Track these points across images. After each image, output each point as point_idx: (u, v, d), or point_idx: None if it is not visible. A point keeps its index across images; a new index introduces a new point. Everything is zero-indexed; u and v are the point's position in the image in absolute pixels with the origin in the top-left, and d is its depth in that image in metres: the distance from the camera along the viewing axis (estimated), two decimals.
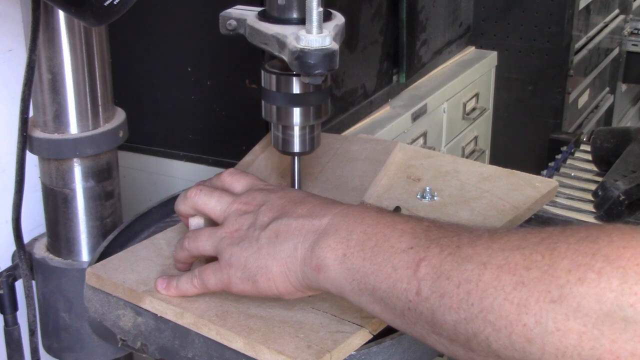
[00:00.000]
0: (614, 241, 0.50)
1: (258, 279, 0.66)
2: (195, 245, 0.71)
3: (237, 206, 0.70)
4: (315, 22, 0.70)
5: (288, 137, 0.81)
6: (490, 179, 0.94)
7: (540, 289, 0.50)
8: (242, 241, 0.67)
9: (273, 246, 0.65)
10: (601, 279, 0.48)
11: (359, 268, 0.60)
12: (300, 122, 0.80)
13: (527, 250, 0.53)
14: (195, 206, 0.73)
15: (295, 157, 0.84)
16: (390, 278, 0.58)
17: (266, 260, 0.65)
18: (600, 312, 0.48)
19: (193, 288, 0.71)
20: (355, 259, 0.61)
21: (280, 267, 0.65)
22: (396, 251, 0.59)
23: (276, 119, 0.80)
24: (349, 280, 0.61)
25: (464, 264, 0.55)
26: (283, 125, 0.81)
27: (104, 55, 0.91)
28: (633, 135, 1.41)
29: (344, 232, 0.62)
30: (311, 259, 0.63)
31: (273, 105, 0.80)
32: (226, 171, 0.76)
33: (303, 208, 0.66)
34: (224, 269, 0.68)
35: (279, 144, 0.82)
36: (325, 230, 0.63)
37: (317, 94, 0.79)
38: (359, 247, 0.61)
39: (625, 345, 0.47)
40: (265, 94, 0.81)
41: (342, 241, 0.62)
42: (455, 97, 1.87)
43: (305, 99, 0.79)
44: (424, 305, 0.56)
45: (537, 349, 0.50)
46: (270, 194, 0.70)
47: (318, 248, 0.63)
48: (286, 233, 0.65)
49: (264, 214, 0.68)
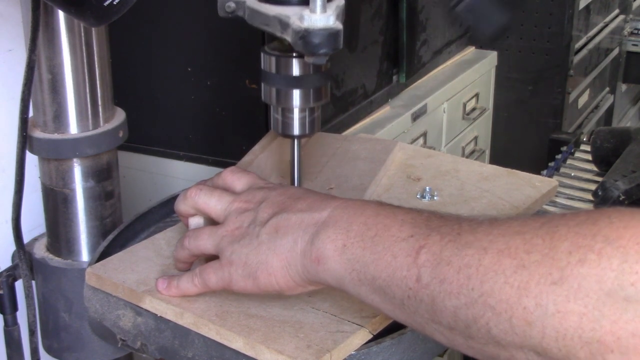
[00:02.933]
0: (613, 222, 0.50)
1: (259, 274, 0.66)
2: (196, 244, 0.71)
3: (237, 205, 0.70)
4: (319, 1, 0.69)
5: (288, 120, 0.80)
6: (490, 178, 0.94)
7: (541, 271, 0.50)
8: (242, 238, 0.67)
9: (273, 241, 0.65)
10: (601, 260, 0.48)
11: (358, 258, 0.60)
12: (300, 105, 0.79)
13: (527, 234, 0.53)
14: (196, 206, 0.73)
15: (295, 141, 0.83)
16: (390, 266, 0.58)
17: (266, 256, 0.65)
18: (600, 293, 0.48)
19: (194, 287, 0.71)
20: (355, 248, 0.61)
21: (281, 261, 0.65)
22: (396, 240, 0.59)
23: (276, 101, 0.80)
24: (349, 270, 0.61)
25: (465, 249, 0.55)
26: (283, 107, 0.80)
27: (104, 55, 0.91)
28: (633, 135, 1.41)
29: (344, 223, 0.62)
30: (311, 251, 0.63)
31: (273, 88, 0.79)
32: (227, 170, 0.76)
33: (302, 203, 0.67)
34: (224, 267, 0.68)
35: (278, 127, 0.81)
36: (325, 222, 0.63)
37: (317, 76, 0.79)
38: (359, 237, 0.61)
39: (626, 326, 0.47)
40: (264, 77, 0.80)
41: (342, 232, 0.62)
42: (455, 97, 1.87)
43: (305, 81, 0.78)
44: (424, 292, 0.56)
45: (538, 332, 0.50)
46: (270, 191, 0.70)
47: (318, 240, 0.63)
48: (286, 227, 0.65)
49: (264, 210, 0.68)
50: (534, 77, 2.13)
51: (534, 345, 0.51)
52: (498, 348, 0.53)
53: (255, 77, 1.28)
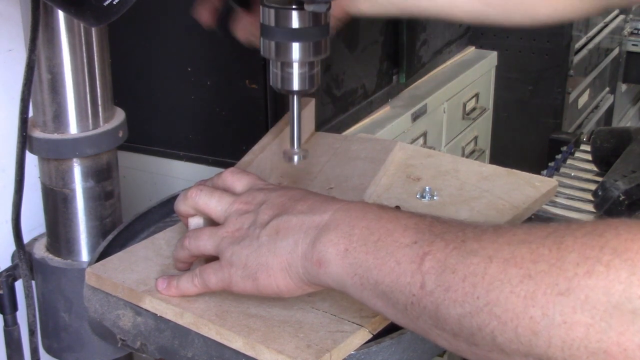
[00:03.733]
0: (621, 234, 0.50)
1: (259, 276, 0.66)
2: (196, 245, 0.71)
3: (237, 206, 0.70)
4: None
5: (287, 75, 0.80)
6: (489, 178, 0.94)
7: (548, 281, 0.50)
8: (242, 240, 0.67)
9: (274, 243, 0.65)
10: (609, 271, 0.48)
11: (361, 262, 0.60)
12: (299, 58, 0.79)
13: (533, 244, 0.52)
14: (196, 206, 0.73)
15: (294, 97, 0.82)
16: (393, 272, 0.58)
17: (267, 257, 0.65)
18: (608, 305, 0.48)
19: (194, 287, 0.71)
20: (357, 253, 0.61)
21: (281, 263, 0.65)
22: (400, 245, 0.59)
23: (275, 55, 0.79)
24: (351, 275, 0.61)
25: (470, 257, 0.54)
26: (282, 62, 0.79)
27: (104, 55, 0.91)
28: (633, 135, 1.41)
29: (345, 227, 0.62)
30: (312, 254, 0.63)
31: (272, 41, 0.78)
32: (227, 170, 0.76)
33: (303, 204, 0.67)
34: (224, 268, 0.68)
35: (277, 82, 0.80)
36: (327, 225, 0.63)
37: (317, 28, 0.78)
38: (362, 241, 0.61)
39: (633, 338, 0.47)
40: (264, 30, 0.79)
41: (344, 236, 0.62)
42: (455, 97, 1.87)
43: (305, 34, 0.78)
44: (428, 299, 0.56)
45: (544, 342, 0.50)
46: (270, 192, 0.70)
47: (319, 243, 0.63)
48: (286, 229, 0.65)
49: (264, 212, 0.68)
50: (534, 77, 2.13)
51: (539, 354, 0.51)
52: (502, 355, 0.53)
53: (255, 77, 1.28)
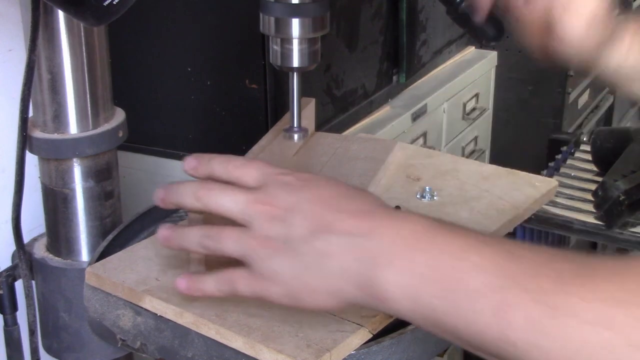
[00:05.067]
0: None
1: (303, 297, 0.62)
2: (219, 247, 0.65)
3: (260, 207, 0.63)
4: None
5: (287, 52, 0.79)
6: (489, 178, 0.94)
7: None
8: (279, 255, 0.62)
9: (319, 267, 0.60)
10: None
11: (434, 307, 0.56)
12: (299, 34, 0.78)
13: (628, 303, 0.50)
14: (208, 208, 0.66)
15: (294, 74, 0.81)
16: (472, 324, 0.55)
17: (313, 279, 0.61)
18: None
19: (219, 293, 0.66)
20: (427, 297, 0.57)
21: (330, 287, 0.61)
22: (475, 295, 0.55)
23: (274, 31, 0.78)
24: (419, 316, 0.58)
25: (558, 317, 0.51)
26: (282, 38, 0.79)
27: (104, 55, 0.91)
28: (633, 135, 1.41)
29: (405, 261, 0.58)
30: (371, 289, 0.59)
31: (271, 17, 0.78)
32: (230, 162, 0.67)
33: (344, 219, 0.61)
34: (259, 281, 0.63)
35: (277, 58, 0.80)
36: (381, 258, 0.59)
37: (316, 4, 0.77)
38: (428, 283, 0.57)
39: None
40: (263, 6, 0.78)
41: (406, 275, 0.58)
42: (455, 97, 1.87)
43: (304, 10, 0.77)
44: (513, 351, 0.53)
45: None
46: (295, 192, 0.63)
47: (378, 279, 0.58)
48: (332, 253, 0.60)
49: (300, 224, 0.61)
50: (534, 77, 2.13)
51: None
52: None
53: (255, 77, 1.28)
